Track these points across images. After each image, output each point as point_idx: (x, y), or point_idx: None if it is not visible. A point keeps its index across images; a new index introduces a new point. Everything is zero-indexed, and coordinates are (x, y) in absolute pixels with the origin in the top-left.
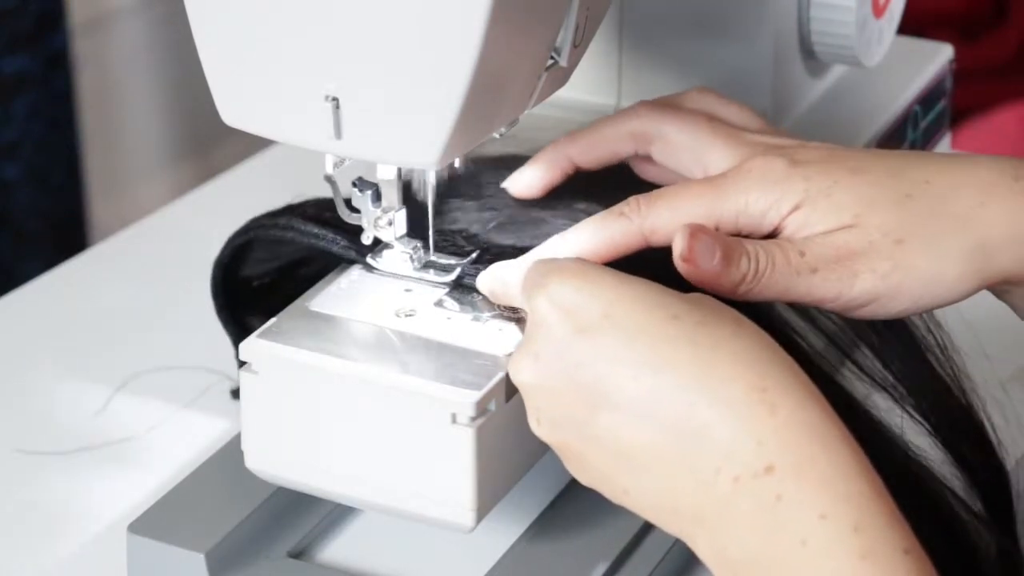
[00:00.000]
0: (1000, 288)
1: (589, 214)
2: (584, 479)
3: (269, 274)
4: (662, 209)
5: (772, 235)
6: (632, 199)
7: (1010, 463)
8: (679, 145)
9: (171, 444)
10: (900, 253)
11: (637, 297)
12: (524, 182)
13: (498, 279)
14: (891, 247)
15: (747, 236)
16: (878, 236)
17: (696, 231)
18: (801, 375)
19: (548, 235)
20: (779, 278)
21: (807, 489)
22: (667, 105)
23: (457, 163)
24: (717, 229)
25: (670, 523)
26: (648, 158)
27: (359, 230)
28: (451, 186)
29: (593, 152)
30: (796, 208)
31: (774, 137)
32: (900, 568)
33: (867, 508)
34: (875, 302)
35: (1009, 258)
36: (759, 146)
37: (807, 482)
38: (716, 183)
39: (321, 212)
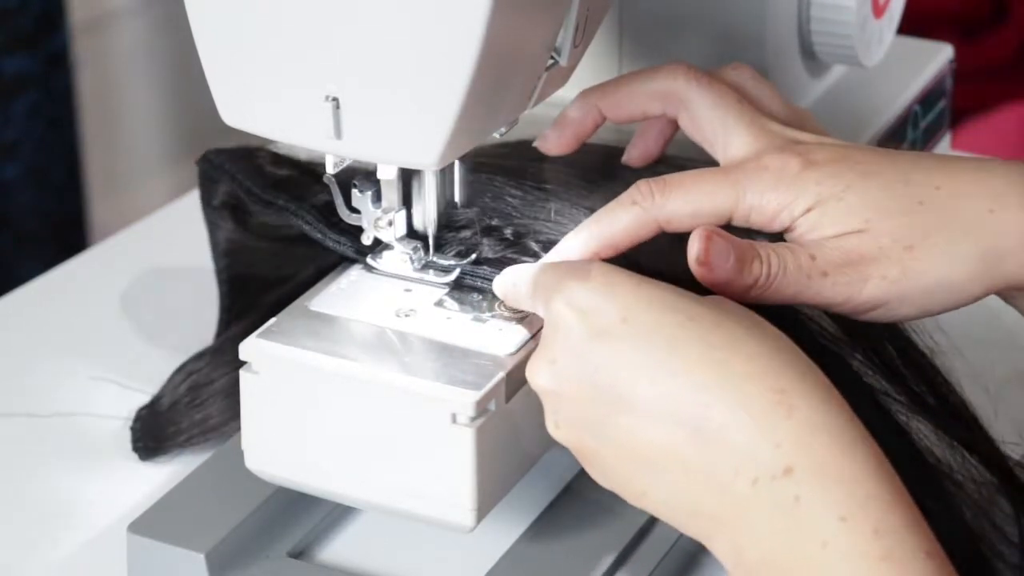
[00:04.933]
0: (1008, 294)
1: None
2: (602, 481)
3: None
4: (678, 199)
5: (782, 234)
6: (643, 185)
7: None
8: (704, 120)
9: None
10: (909, 259)
11: (654, 300)
12: (554, 139)
13: (509, 283)
14: (900, 253)
15: (757, 232)
16: (888, 242)
17: (711, 234)
18: (820, 376)
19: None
20: (791, 281)
21: (826, 491)
22: (703, 73)
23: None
24: (730, 223)
25: (688, 525)
26: (673, 121)
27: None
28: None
29: (623, 108)
30: (808, 210)
31: (795, 131)
32: (920, 571)
33: (887, 510)
34: (884, 306)
35: (1017, 265)
36: (778, 138)
37: (826, 484)
38: (732, 178)
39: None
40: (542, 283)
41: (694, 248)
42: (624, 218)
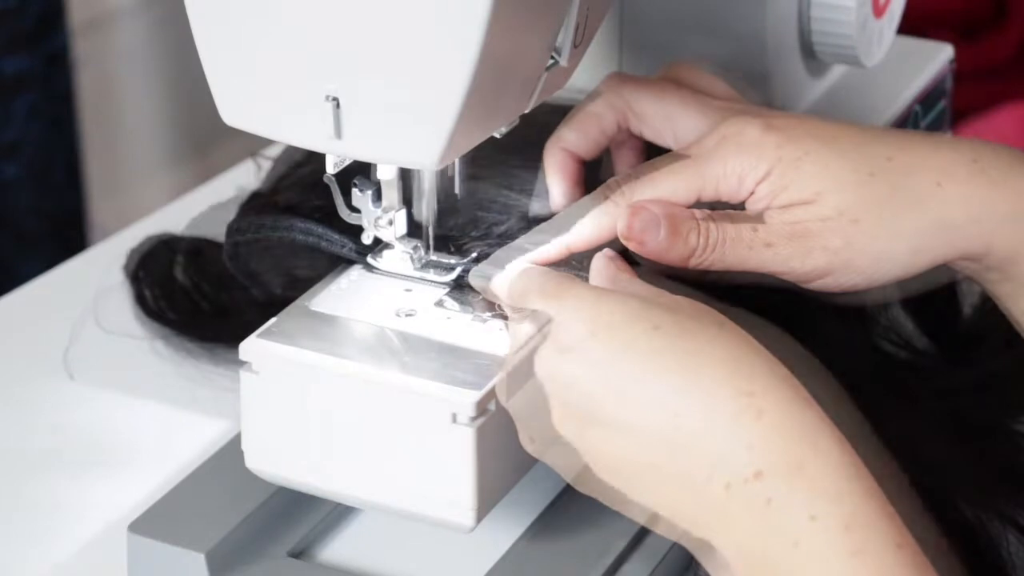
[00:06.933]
0: (959, 264)
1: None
2: (583, 490)
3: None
4: (644, 188)
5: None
6: (612, 182)
7: None
8: (649, 114)
9: (171, 444)
10: (853, 232)
11: (617, 312)
12: (556, 201)
13: (482, 278)
14: (845, 226)
15: (728, 201)
16: (834, 215)
17: (638, 209)
18: (788, 375)
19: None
20: (731, 251)
21: (796, 491)
22: (638, 76)
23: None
24: (699, 198)
25: (668, 531)
26: (637, 136)
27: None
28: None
29: (585, 136)
30: (768, 174)
31: (741, 105)
32: (892, 563)
33: (857, 506)
34: (829, 275)
35: (963, 237)
36: (728, 111)
37: (796, 484)
38: (693, 154)
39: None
40: (508, 296)
41: (620, 225)
42: (595, 214)
